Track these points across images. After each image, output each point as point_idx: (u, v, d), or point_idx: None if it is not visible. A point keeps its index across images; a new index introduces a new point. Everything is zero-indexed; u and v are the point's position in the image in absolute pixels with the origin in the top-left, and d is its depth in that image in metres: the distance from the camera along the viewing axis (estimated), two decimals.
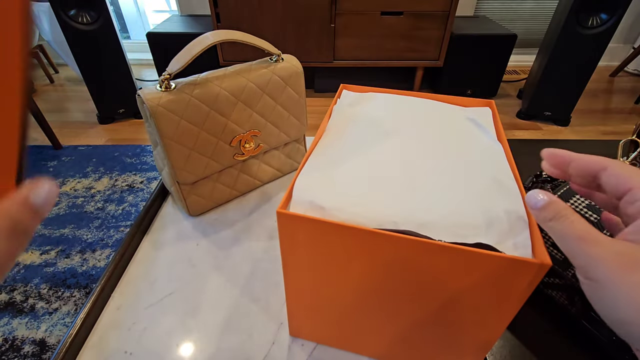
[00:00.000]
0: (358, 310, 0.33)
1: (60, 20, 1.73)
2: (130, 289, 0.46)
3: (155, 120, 0.46)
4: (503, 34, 2.03)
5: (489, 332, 0.30)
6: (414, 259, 0.26)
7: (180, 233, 0.54)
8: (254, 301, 0.45)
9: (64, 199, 1.53)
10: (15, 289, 1.17)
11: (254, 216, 0.57)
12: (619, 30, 2.54)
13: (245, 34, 0.52)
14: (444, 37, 2.00)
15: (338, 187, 0.29)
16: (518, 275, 0.24)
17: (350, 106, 0.41)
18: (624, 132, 1.98)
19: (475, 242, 0.25)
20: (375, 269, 0.28)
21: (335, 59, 2.11)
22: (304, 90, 0.59)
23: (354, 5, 1.91)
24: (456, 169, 0.32)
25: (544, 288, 0.42)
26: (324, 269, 0.30)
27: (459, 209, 0.27)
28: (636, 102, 2.25)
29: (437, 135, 0.36)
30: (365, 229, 0.26)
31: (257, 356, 0.39)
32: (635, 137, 0.50)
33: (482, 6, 2.56)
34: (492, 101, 0.41)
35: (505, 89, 2.40)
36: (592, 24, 1.71)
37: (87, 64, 1.86)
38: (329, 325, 0.37)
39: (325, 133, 0.37)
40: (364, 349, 0.39)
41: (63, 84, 2.54)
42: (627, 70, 2.63)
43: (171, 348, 0.40)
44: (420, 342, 0.34)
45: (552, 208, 0.21)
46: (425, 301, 0.29)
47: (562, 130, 2.00)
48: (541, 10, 2.58)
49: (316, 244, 0.28)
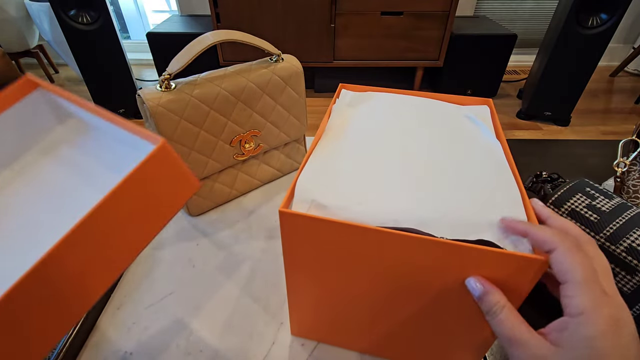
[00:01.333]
0: (360, 308, 0.33)
1: (60, 20, 1.73)
2: (130, 289, 0.46)
3: (155, 120, 0.46)
4: (503, 34, 2.03)
5: (489, 330, 0.30)
6: (415, 257, 0.26)
7: (180, 233, 0.54)
8: (254, 301, 0.45)
9: None
10: None
11: (254, 216, 0.57)
12: (619, 30, 2.53)
13: (245, 34, 0.52)
14: (444, 37, 2.00)
15: (339, 186, 0.29)
16: (519, 272, 0.24)
17: (350, 106, 0.41)
18: (624, 132, 1.98)
19: (477, 239, 0.25)
20: (377, 266, 0.28)
21: (335, 59, 2.11)
22: (304, 90, 0.59)
23: (354, 5, 1.91)
24: (456, 166, 0.32)
25: (544, 287, 0.42)
26: (325, 267, 0.30)
27: (460, 206, 0.28)
28: (636, 102, 2.25)
29: (436, 133, 0.36)
30: (367, 227, 0.26)
31: (257, 356, 0.39)
32: (635, 137, 0.50)
33: (482, 6, 2.56)
34: (489, 99, 0.41)
35: (505, 89, 2.40)
36: (592, 24, 1.71)
37: (87, 64, 1.86)
38: (330, 323, 0.37)
39: (325, 133, 0.37)
40: (365, 347, 0.39)
41: (63, 84, 2.54)
42: (627, 70, 2.63)
43: (171, 348, 0.40)
44: (421, 340, 0.34)
45: (485, 301, 0.24)
46: (427, 299, 0.29)
47: (562, 130, 2.00)
48: (541, 10, 2.58)
49: (318, 243, 0.28)
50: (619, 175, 0.49)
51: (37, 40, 2.43)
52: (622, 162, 0.49)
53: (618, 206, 0.36)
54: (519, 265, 0.24)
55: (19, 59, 2.40)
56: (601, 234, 0.35)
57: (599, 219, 0.35)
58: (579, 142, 0.72)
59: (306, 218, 0.27)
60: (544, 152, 0.68)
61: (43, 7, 2.04)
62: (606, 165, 0.54)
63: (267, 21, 1.96)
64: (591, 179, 0.40)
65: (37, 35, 2.40)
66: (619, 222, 0.34)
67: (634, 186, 0.48)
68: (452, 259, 0.25)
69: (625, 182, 0.49)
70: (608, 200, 0.37)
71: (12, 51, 2.26)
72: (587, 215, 0.36)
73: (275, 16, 1.94)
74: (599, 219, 0.36)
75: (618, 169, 0.50)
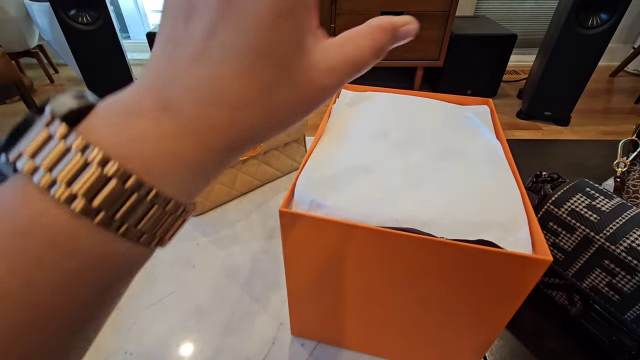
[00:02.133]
0: (359, 307, 0.33)
1: (60, 20, 1.73)
2: (130, 289, 0.46)
3: None
4: (503, 34, 2.03)
5: (489, 329, 0.30)
6: (415, 257, 0.26)
7: (180, 233, 0.54)
8: (254, 301, 0.45)
9: None
10: None
11: (254, 216, 0.57)
12: (619, 30, 2.53)
13: None
14: (444, 37, 2.00)
15: (339, 185, 0.29)
16: (519, 271, 0.24)
17: (349, 105, 0.41)
18: (624, 132, 1.98)
19: (477, 238, 0.25)
20: (377, 266, 0.28)
21: None
22: None
23: (354, 5, 1.91)
24: (456, 166, 0.32)
25: (543, 288, 0.42)
26: (326, 267, 0.30)
27: (460, 206, 0.28)
28: (636, 102, 2.25)
29: (436, 133, 0.36)
30: (367, 227, 0.26)
31: (257, 356, 0.39)
32: (635, 137, 0.50)
33: (482, 6, 2.56)
34: (489, 99, 0.41)
35: (505, 89, 2.40)
36: (592, 24, 1.71)
37: (87, 64, 1.86)
38: (330, 323, 0.37)
39: (325, 132, 0.37)
40: (364, 347, 0.39)
41: (63, 84, 2.54)
42: (627, 70, 2.63)
43: (171, 348, 0.40)
44: (421, 340, 0.34)
45: None
46: (427, 298, 0.29)
47: (562, 130, 2.00)
48: (541, 10, 2.58)
49: (318, 242, 0.28)
50: (619, 175, 0.49)
51: (37, 40, 2.43)
52: (622, 162, 0.49)
53: (618, 206, 0.36)
54: (519, 265, 0.24)
55: (19, 59, 2.40)
56: (601, 234, 0.35)
57: (599, 219, 0.35)
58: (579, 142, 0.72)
59: (306, 218, 0.27)
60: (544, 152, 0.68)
61: (43, 7, 2.04)
62: (606, 165, 0.54)
63: None
64: (591, 179, 0.40)
65: (37, 35, 2.40)
66: (619, 222, 0.34)
67: (634, 186, 0.48)
68: (451, 259, 0.25)
69: (625, 182, 0.49)
70: (608, 200, 0.37)
71: (12, 51, 2.26)
72: (587, 215, 0.36)
73: None
74: (599, 219, 0.36)
75: (618, 169, 0.50)
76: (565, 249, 0.38)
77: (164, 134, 0.13)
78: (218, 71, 0.13)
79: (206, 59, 0.13)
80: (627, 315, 0.34)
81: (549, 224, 0.39)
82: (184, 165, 0.13)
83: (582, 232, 0.36)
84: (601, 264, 0.35)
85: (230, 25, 0.13)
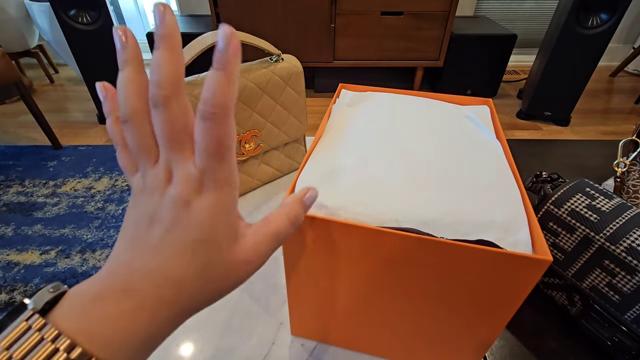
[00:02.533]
0: (360, 308, 0.33)
1: (60, 20, 1.73)
2: None
3: None
4: (503, 34, 2.03)
5: (489, 330, 0.30)
6: (416, 257, 0.26)
7: None
8: (254, 301, 0.45)
9: (64, 199, 1.52)
10: (15, 289, 1.17)
11: (254, 216, 0.57)
12: (619, 30, 2.54)
13: (246, 34, 0.52)
14: (444, 37, 2.00)
15: (340, 186, 0.29)
16: (519, 271, 0.24)
17: (350, 105, 0.41)
18: (624, 132, 1.98)
19: (477, 238, 0.25)
20: (377, 266, 0.28)
21: (335, 59, 2.11)
22: (304, 90, 0.59)
23: (354, 5, 1.91)
24: (456, 166, 0.32)
25: (543, 288, 0.42)
26: (325, 267, 0.30)
27: (460, 206, 0.28)
28: (636, 102, 2.26)
29: (436, 133, 0.36)
30: (367, 227, 0.26)
31: (257, 356, 0.39)
32: (635, 137, 0.50)
33: (482, 6, 2.56)
34: (489, 99, 0.41)
35: (505, 89, 2.40)
36: (592, 24, 1.71)
37: (87, 64, 1.86)
38: (330, 323, 0.37)
39: (325, 132, 0.37)
40: (364, 347, 0.39)
41: (63, 84, 2.54)
42: (627, 70, 2.63)
43: (171, 348, 0.40)
44: (421, 339, 0.34)
45: None
46: (427, 298, 0.29)
47: (562, 130, 2.00)
48: (541, 10, 2.58)
49: (319, 243, 0.28)
50: (619, 175, 0.49)
51: (37, 40, 2.43)
52: (622, 162, 0.49)
53: (618, 206, 0.36)
54: (519, 265, 0.24)
55: (19, 59, 2.40)
56: (601, 234, 0.35)
57: (599, 219, 0.35)
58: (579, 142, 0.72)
59: (307, 218, 0.27)
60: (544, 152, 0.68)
61: (43, 7, 2.04)
62: (606, 165, 0.54)
63: (267, 21, 1.96)
64: (591, 179, 0.40)
65: (37, 35, 2.40)
66: (619, 222, 0.34)
67: (634, 186, 0.48)
68: (452, 259, 0.25)
69: (625, 182, 0.49)
70: (608, 200, 0.37)
71: (12, 51, 2.26)
72: (587, 215, 0.36)
73: (275, 16, 1.94)
74: (599, 219, 0.36)
75: (618, 169, 0.50)
76: (565, 249, 0.38)
77: (123, 313, 0.17)
78: (169, 260, 0.18)
79: (160, 252, 0.18)
80: (627, 315, 0.34)
81: (549, 224, 0.39)
82: (136, 339, 0.17)
83: (582, 232, 0.36)
84: (601, 264, 0.35)
85: (181, 229, 0.18)
